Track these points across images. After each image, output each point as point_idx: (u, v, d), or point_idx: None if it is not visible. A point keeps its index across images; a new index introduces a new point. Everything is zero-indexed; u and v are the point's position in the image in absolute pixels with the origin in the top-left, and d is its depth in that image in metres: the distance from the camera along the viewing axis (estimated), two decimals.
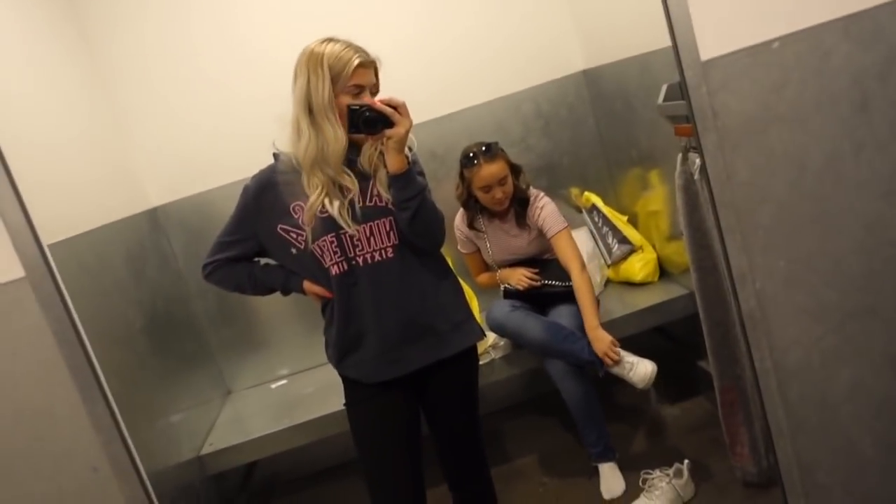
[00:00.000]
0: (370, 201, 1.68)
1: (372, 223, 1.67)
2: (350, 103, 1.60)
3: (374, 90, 1.71)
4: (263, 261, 1.88)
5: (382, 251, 1.68)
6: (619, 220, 2.96)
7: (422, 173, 1.74)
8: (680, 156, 2.17)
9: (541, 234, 2.60)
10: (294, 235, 1.71)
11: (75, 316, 1.54)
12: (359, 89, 1.64)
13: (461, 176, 2.59)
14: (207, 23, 2.90)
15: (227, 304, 3.04)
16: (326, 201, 1.65)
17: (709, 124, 1.19)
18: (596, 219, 3.01)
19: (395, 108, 1.59)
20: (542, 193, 2.62)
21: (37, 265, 1.45)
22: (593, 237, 3.00)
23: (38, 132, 2.15)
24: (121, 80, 2.89)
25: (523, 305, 2.60)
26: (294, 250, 1.72)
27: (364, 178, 1.69)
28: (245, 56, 2.92)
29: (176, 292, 2.90)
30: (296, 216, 1.69)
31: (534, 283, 2.61)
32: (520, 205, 2.60)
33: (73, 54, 2.68)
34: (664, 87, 2.29)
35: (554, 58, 3.07)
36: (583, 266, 2.51)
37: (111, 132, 2.81)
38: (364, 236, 1.67)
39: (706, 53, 1.26)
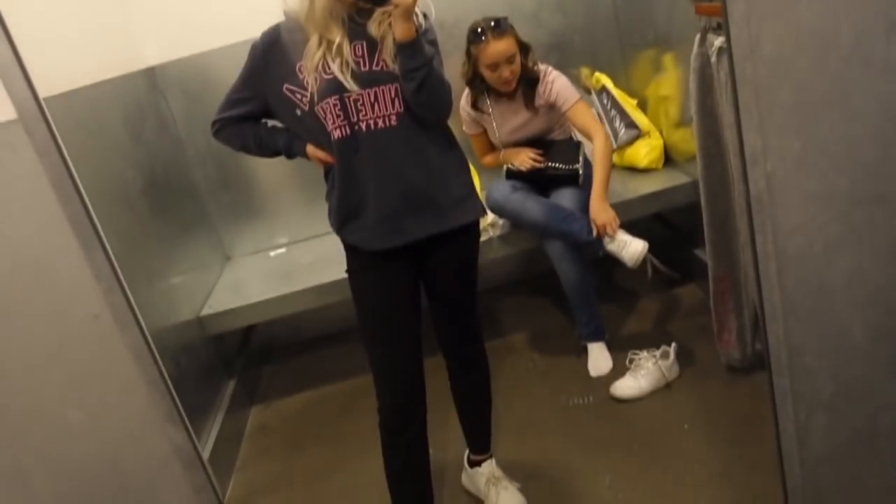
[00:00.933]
0: (376, 66, 1.63)
1: (377, 88, 1.63)
2: None
3: None
4: (271, 123, 1.85)
5: (386, 118, 1.64)
6: (629, 104, 2.89)
7: (434, 42, 1.69)
8: (698, 36, 2.09)
9: (549, 112, 2.54)
10: (299, 96, 1.67)
11: (70, 164, 1.51)
12: None
13: (467, 53, 2.49)
14: None
15: (227, 170, 3.02)
16: (329, 59, 1.61)
17: None
18: (605, 101, 2.94)
19: None
20: (550, 68, 2.53)
21: (29, 107, 1.41)
22: (600, 119, 2.94)
23: None
24: None
25: (524, 186, 2.58)
26: (299, 111, 1.69)
27: (371, 44, 1.64)
28: None
29: (175, 157, 2.86)
30: (301, 76, 1.65)
31: (537, 164, 2.57)
32: (527, 84, 2.51)
33: None
34: None
35: None
36: (606, 134, 2.48)
37: None
38: (368, 101, 1.63)
39: None
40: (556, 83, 2.49)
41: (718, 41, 2.00)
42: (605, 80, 2.96)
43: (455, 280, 1.89)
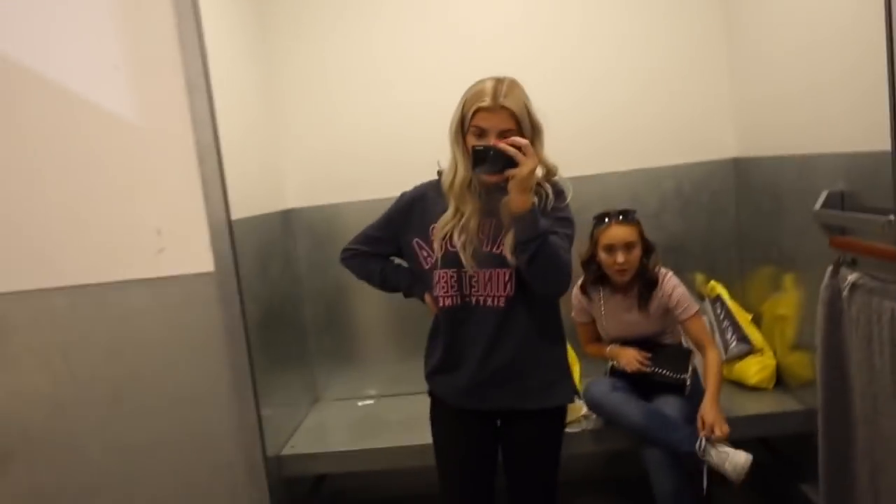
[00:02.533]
0: (496, 249, 1.74)
1: (492, 270, 1.74)
2: (475, 144, 1.66)
3: (510, 136, 1.69)
4: (397, 260, 1.97)
5: (496, 298, 1.74)
6: (743, 318, 2.84)
7: (565, 220, 1.80)
8: (830, 268, 2.07)
9: (663, 316, 2.52)
10: (425, 254, 1.81)
11: (246, 312, 1.58)
12: (480, 131, 1.68)
13: (591, 236, 2.55)
14: (380, 50, 3.02)
15: (334, 313, 3.12)
16: (456, 231, 1.73)
17: None
18: (718, 310, 2.90)
19: (519, 148, 1.60)
20: (671, 274, 2.54)
21: (226, 263, 1.49)
22: (711, 328, 2.88)
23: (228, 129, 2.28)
24: (286, 85, 3.04)
25: (626, 386, 2.52)
26: (420, 267, 1.83)
27: (499, 226, 1.75)
28: (407, 88, 3.01)
29: (292, 293, 2.99)
30: (431, 237, 1.79)
31: (644, 368, 2.52)
32: (645, 285, 2.51)
33: (253, 55, 2.85)
34: (824, 194, 2.19)
35: (705, 140, 3.01)
36: (719, 351, 2.46)
37: (269, 131, 2.96)
38: (483, 279, 1.74)
39: None
40: (675, 291, 2.49)
41: (852, 276, 1.96)
42: (721, 290, 2.93)
43: (532, 460, 1.88)
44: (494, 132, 1.68)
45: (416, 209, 1.85)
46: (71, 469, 1.57)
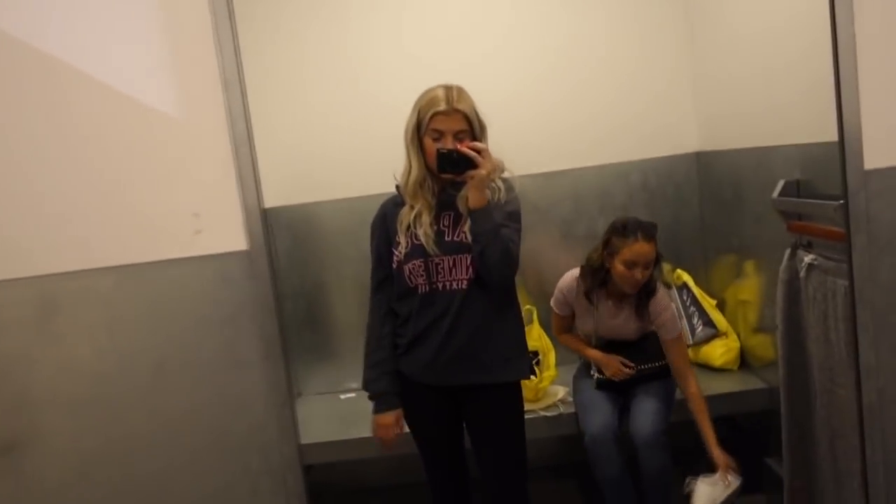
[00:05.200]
0: (457, 237, 1.90)
1: (456, 256, 1.89)
2: (439, 147, 1.82)
3: (465, 136, 1.87)
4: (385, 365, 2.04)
5: (459, 281, 1.90)
6: (708, 303, 2.98)
7: (513, 214, 1.94)
8: (788, 251, 2.21)
9: (647, 326, 2.55)
10: (396, 253, 1.95)
11: (275, 293, 1.69)
12: (438, 133, 1.85)
13: (606, 242, 2.47)
14: (353, 49, 3.11)
15: (315, 309, 3.20)
16: (417, 225, 1.89)
17: (861, 227, 1.31)
18: (685, 297, 3.04)
19: (478, 152, 1.79)
20: (665, 293, 2.57)
21: (259, 241, 1.59)
22: (678, 314, 3.01)
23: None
24: (258, 84, 3.09)
25: (608, 391, 2.57)
26: (394, 265, 1.96)
27: (458, 216, 1.91)
28: (370, 92, 3.09)
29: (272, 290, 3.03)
30: (397, 240, 1.94)
31: (630, 372, 2.53)
32: (645, 293, 2.49)
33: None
34: (781, 183, 2.33)
35: (670, 135, 3.16)
36: (695, 378, 2.48)
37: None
38: (447, 266, 1.90)
39: (870, 163, 1.38)
40: (665, 311, 2.49)
41: (808, 258, 2.11)
42: (686, 278, 3.08)
43: (494, 434, 2.02)
44: (451, 133, 1.85)
45: (385, 225, 2.00)
46: (114, 435, 1.67)
